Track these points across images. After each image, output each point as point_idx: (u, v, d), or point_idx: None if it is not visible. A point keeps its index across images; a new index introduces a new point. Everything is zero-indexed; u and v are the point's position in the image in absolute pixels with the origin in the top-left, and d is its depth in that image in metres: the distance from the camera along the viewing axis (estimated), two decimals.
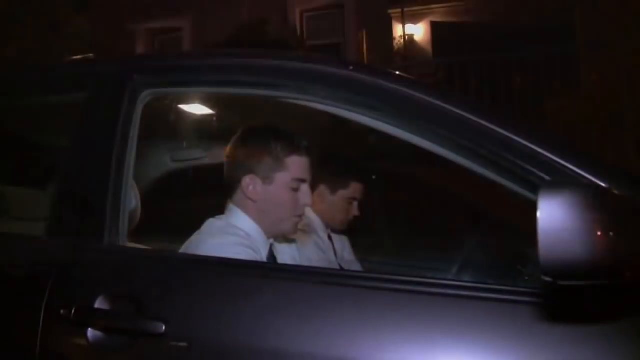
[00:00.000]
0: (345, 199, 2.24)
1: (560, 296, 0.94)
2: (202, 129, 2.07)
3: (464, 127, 1.09)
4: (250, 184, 1.50)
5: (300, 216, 1.55)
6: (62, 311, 1.15)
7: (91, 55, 1.61)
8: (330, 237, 2.28)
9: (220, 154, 1.63)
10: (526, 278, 1.69)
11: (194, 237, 1.47)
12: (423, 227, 2.65)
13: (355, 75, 1.20)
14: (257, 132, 1.54)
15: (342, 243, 2.35)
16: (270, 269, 1.31)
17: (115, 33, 9.68)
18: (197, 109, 1.81)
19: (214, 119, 1.89)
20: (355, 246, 2.39)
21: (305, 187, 1.54)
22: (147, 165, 2.28)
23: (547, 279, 0.83)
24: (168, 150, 2.33)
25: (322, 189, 2.23)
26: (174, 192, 2.42)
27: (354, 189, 2.24)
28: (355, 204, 2.26)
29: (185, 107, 1.79)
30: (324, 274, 1.21)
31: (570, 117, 5.69)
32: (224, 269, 1.18)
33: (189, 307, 1.11)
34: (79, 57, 1.61)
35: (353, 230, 2.35)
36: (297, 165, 1.51)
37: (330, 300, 1.05)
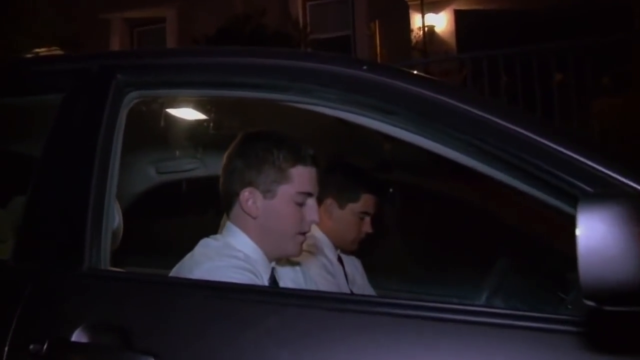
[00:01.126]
0: (356, 213, 2.27)
1: (606, 324, 0.96)
2: (194, 136, 2.08)
3: (492, 132, 1.12)
4: (249, 198, 1.53)
5: (306, 234, 1.57)
6: (31, 346, 1.16)
7: (58, 49, 1.64)
8: (340, 259, 2.30)
9: (215, 165, 1.66)
10: (569, 306, 1.70)
11: (187, 260, 1.49)
12: (447, 247, 2.65)
13: (369, 76, 1.22)
14: (257, 139, 1.56)
15: (354, 265, 2.38)
16: (273, 294, 1.32)
17: (87, 24, 9.74)
18: (189, 113, 1.83)
19: (209, 125, 1.92)
20: (368, 269, 2.41)
21: (311, 202, 1.56)
22: (130, 178, 2.32)
23: (590, 303, 0.85)
24: (154, 161, 2.36)
25: (330, 202, 2.26)
26: (162, 209, 2.44)
27: (366, 202, 2.27)
28: (368, 219, 2.29)
29: (175, 112, 1.81)
30: (332, 300, 1.22)
31: (621, 118, 5.67)
32: (221, 295, 1.20)
33: (182, 338, 1.12)
34: (44, 50, 1.64)
35: (366, 250, 2.38)
36: (302, 176, 1.54)
37: (341, 328, 1.07)
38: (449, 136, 1.18)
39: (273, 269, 1.59)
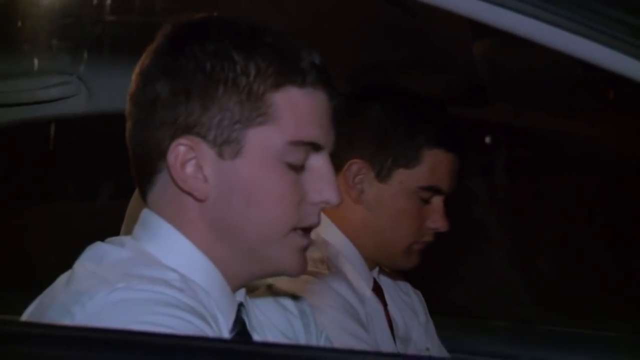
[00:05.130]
0: (413, 191, 1.55)
1: None
2: (66, 27, 1.49)
3: None
4: (188, 158, 1.07)
5: (308, 233, 1.07)
6: None
7: None
8: (378, 287, 1.62)
9: (111, 92, 1.40)
10: None
11: (57, 288, 1.04)
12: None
13: None
14: (200, 35, 1.08)
15: (407, 300, 1.71)
16: (238, 356, 0.91)
17: None
18: None
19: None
20: (438, 309, 1.70)
21: (320, 162, 1.09)
22: None
23: None
24: None
25: (358, 169, 1.56)
26: None
27: (434, 166, 1.56)
28: (439, 203, 1.59)
29: None
30: None
31: None
32: (132, 356, 0.85)
33: None
34: None
35: (435, 270, 1.69)
36: (297, 109, 1.07)
37: None
38: None
39: (241, 306, 1.11)
